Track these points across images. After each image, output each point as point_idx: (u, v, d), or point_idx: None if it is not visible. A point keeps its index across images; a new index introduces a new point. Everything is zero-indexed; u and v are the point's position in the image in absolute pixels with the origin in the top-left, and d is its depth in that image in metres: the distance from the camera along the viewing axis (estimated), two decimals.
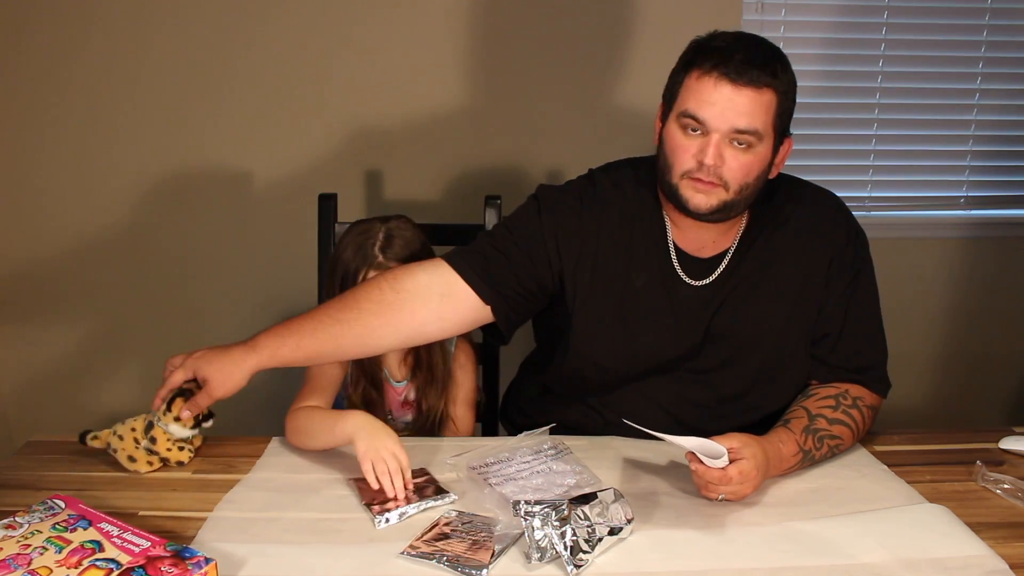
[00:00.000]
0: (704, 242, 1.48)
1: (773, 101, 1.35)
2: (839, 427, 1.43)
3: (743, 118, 1.33)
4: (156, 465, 1.39)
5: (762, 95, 1.34)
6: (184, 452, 1.41)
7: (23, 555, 1.05)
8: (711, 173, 1.35)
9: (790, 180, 1.58)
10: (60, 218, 2.33)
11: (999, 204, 2.53)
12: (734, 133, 1.33)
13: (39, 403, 2.42)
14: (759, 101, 1.34)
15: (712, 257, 1.49)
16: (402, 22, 2.25)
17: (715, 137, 1.34)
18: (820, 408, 1.43)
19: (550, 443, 1.42)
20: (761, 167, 1.38)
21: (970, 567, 1.13)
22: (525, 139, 2.33)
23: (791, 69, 1.40)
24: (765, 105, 1.35)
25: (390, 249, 1.54)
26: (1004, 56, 2.42)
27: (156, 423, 1.38)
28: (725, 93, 1.33)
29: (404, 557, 1.14)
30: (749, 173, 1.37)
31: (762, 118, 1.34)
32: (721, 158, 1.34)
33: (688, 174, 1.37)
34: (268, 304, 2.39)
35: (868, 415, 1.48)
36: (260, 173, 2.33)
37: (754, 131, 1.34)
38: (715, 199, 1.37)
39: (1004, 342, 2.58)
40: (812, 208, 1.53)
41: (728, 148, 1.35)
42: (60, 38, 2.21)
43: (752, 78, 1.33)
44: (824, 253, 1.49)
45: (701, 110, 1.34)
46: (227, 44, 2.24)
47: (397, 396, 1.64)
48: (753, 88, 1.33)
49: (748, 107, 1.33)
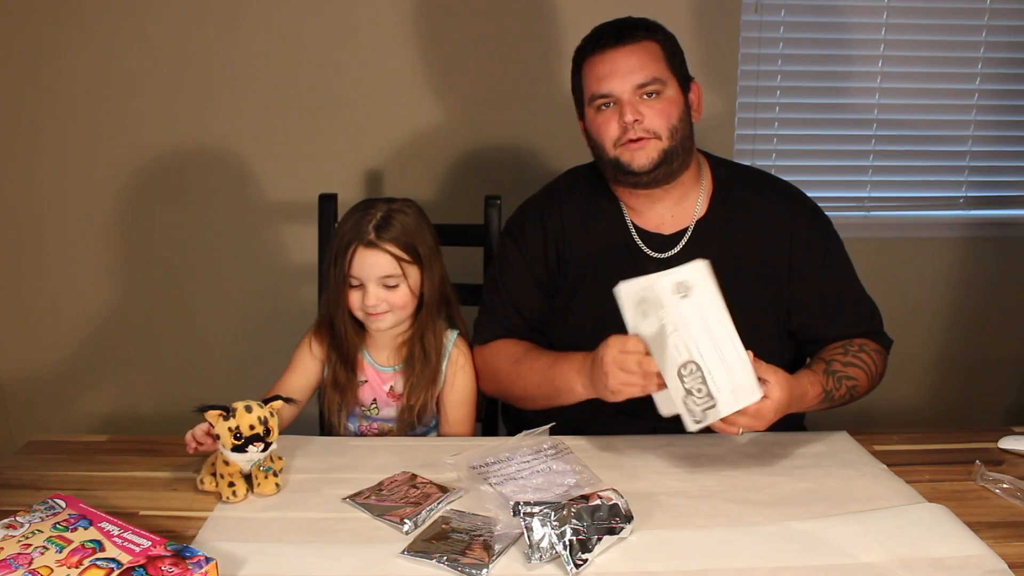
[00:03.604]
0: (663, 218, 1.57)
1: (658, 49, 1.49)
2: (853, 369, 1.50)
3: (638, 73, 1.46)
4: (242, 493, 1.29)
5: (646, 47, 1.48)
6: (269, 481, 1.31)
7: (24, 554, 1.05)
8: (638, 129, 1.46)
9: (746, 168, 1.67)
10: (60, 217, 2.33)
11: (998, 204, 2.53)
12: (637, 89, 1.46)
13: (40, 403, 2.42)
14: (646, 53, 1.47)
15: (673, 234, 1.57)
16: (403, 22, 2.25)
17: (625, 98, 1.46)
18: (832, 355, 1.52)
19: (550, 442, 1.42)
20: (679, 110, 1.50)
21: (969, 567, 1.13)
22: (525, 139, 2.34)
23: (663, 27, 1.54)
24: (652, 54, 1.48)
25: (385, 230, 1.50)
26: (1004, 56, 2.42)
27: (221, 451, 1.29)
28: (612, 59, 1.47)
29: (404, 557, 1.14)
30: (670, 116, 1.48)
31: (655, 66, 1.47)
32: (639, 112, 1.46)
33: (618, 141, 1.48)
34: (268, 304, 2.39)
35: (878, 359, 1.56)
36: (260, 173, 2.33)
37: (654, 79, 1.46)
38: (654, 151, 1.48)
39: (1003, 342, 2.58)
40: (771, 196, 1.60)
41: (641, 104, 1.47)
42: (59, 35, 2.21)
43: (630, 36, 1.47)
44: (783, 239, 1.56)
45: (602, 85, 1.47)
46: (227, 43, 2.24)
47: (382, 383, 1.61)
48: (634, 43, 1.47)
49: (638, 62, 1.46)
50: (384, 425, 1.62)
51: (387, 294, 1.51)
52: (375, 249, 1.49)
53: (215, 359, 2.42)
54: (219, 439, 1.27)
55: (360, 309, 1.53)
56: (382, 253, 1.50)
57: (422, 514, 1.23)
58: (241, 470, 1.29)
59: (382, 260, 1.50)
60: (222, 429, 1.26)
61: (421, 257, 1.53)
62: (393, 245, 1.50)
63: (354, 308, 1.53)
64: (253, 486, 1.30)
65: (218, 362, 2.42)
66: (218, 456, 1.29)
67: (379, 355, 1.61)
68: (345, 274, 1.51)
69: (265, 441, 1.27)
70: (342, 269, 1.51)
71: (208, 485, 1.30)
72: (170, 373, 2.42)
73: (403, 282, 1.52)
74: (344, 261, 1.50)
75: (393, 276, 1.50)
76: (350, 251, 1.49)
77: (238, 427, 1.26)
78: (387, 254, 1.50)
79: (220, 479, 1.29)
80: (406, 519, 1.21)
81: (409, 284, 1.53)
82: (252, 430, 1.26)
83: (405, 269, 1.51)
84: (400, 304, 1.53)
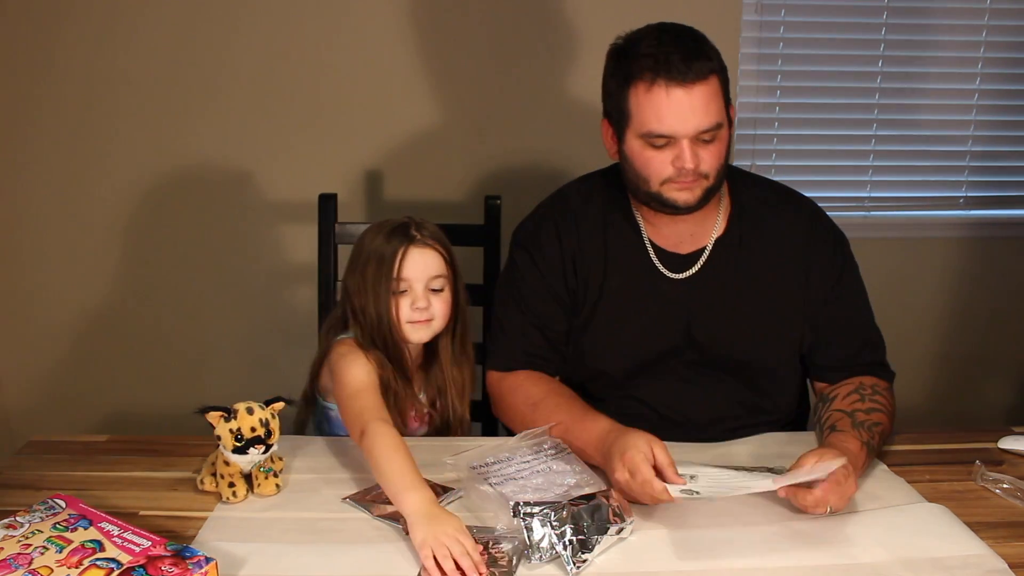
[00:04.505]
0: (681, 237, 1.51)
1: (718, 84, 1.38)
2: (876, 415, 1.43)
3: (703, 118, 1.35)
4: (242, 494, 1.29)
5: (710, 85, 1.36)
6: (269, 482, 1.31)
7: (24, 555, 1.05)
8: (691, 173, 1.38)
9: (764, 181, 1.61)
10: (60, 218, 2.32)
11: (998, 204, 2.53)
12: (699, 133, 1.36)
13: (40, 403, 2.42)
14: (710, 92, 1.36)
15: (690, 253, 1.51)
16: (403, 22, 2.25)
17: (685, 143, 1.36)
18: (851, 405, 1.44)
19: (550, 442, 1.42)
20: (727, 144, 1.42)
21: (969, 566, 1.13)
22: (525, 139, 2.33)
23: (709, 39, 1.41)
24: (715, 92, 1.37)
25: (425, 229, 1.48)
26: (1004, 56, 2.42)
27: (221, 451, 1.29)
28: (679, 98, 1.34)
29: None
30: (720, 157, 1.41)
31: (715, 107, 1.37)
32: (697, 158, 1.37)
33: (668, 180, 1.40)
34: (268, 304, 2.39)
35: (890, 397, 1.50)
36: (260, 173, 2.32)
37: (716, 124, 1.37)
38: (700, 190, 1.41)
39: (1003, 342, 2.58)
40: (788, 213, 1.55)
41: (699, 147, 1.37)
42: (57, 37, 2.20)
43: (697, 73, 1.34)
44: (801, 258, 1.51)
45: (663, 125, 1.35)
46: (227, 44, 2.23)
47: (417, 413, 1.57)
48: (702, 82, 1.35)
49: (704, 104, 1.35)
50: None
51: (434, 299, 1.47)
52: (424, 247, 1.46)
53: (215, 359, 2.42)
54: (220, 440, 1.27)
55: (407, 319, 1.47)
56: (431, 251, 1.47)
57: None
58: (241, 470, 1.29)
59: (432, 258, 1.47)
60: (223, 431, 1.26)
61: (455, 266, 1.52)
62: (438, 244, 1.48)
63: (401, 316, 1.46)
64: (253, 486, 1.30)
65: (218, 362, 2.42)
66: (218, 456, 1.29)
67: None
68: (395, 278, 1.45)
69: (266, 443, 1.27)
70: (389, 274, 1.45)
71: (208, 485, 1.30)
72: (170, 373, 2.42)
73: (448, 287, 1.49)
74: (394, 265, 1.44)
75: (441, 277, 1.48)
76: (399, 253, 1.45)
77: (239, 429, 1.25)
78: (436, 251, 1.47)
79: (220, 479, 1.29)
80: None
81: (451, 290, 1.50)
82: (253, 432, 1.26)
83: (449, 272, 1.49)
84: (442, 312, 1.49)
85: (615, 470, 1.24)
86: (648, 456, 1.22)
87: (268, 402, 1.30)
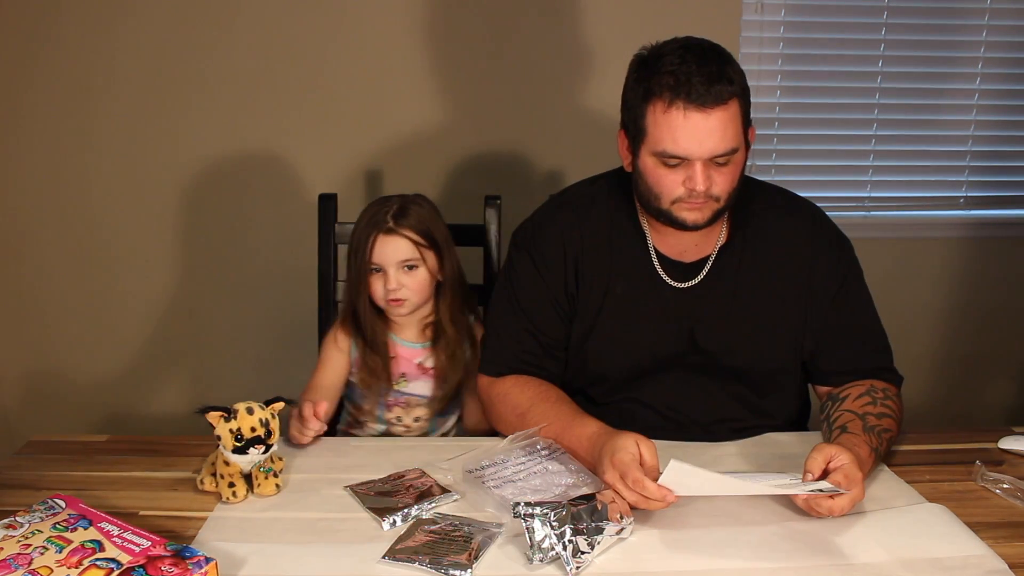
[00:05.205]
0: (685, 246, 1.50)
1: (738, 109, 1.35)
2: (886, 420, 1.41)
3: (721, 142, 1.33)
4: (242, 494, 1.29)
5: (729, 110, 1.34)
6: (269, 482, 1.31)
7: (24, 555, 1.05)
8: (702, 195, 1.36)
9: (767, 187, 1.60)
10: (59, 218, 2.32)
11: (999, 204, 2.53)
12: (713, 157, 1.34)
13: (40, 403, 2.42)
14: (729, 116, 1.34)
15: (694, 262, 1.51)
16: (403, 22, 2.25)
17: (698, 165, 1.35)
18: (862, 408, 1.42)
19: (543, 443, 1.42)
20: (741, 169, 1.41)
21: (969, 567, 1.13)
22: (525, 139, 2.34)
23: (735, 59, 1.39)
24: (734, 116, 1.35)
25: (403, 218, 1.58)
26: (1004, 56, 2.42)
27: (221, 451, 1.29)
28: (696, 122, 1.32)
29: (385, 562, 1.13)
30: (734, 180, 1.39)
31: (733, 132, 1.35)
32: (709, 180, 1.36)
33: (679, 200, 1.39)
34: (268, 304, 2.39)
35: (899, 403, 1.48)
36: (260, 173, 2.32)
37: (732, 149, 1.35)
38: (709, 211, 1.40)
39: (1004, 342, 2.58)
40: (791, 219, 1.54)
41: (712, 170, 1.36)
42: (57, 38, 2.21)
43: (716, 97, 1.32)
44: (804, 264, 1.51)
45: (679, 147, 1.34)
46: (227, 44, 2.23)
47: (411, 357, 1.64)
48: (721, 107, 1.32)
49: (721, 129, 1.33)
50: (412, 399, 1.64)
51: (406, 278, 1.57)
52: (394, 235, 1.57)
53: (215, 359, 2.42)
54: (220, 440, 1.27)
55: (382, 297, 1.59)
56: (400, 238, 1.57)
57: (412, 511, 1.24)
58: (241, 470, 1.29)
59: (401, 244, 1.57)
60: (223, 431, 1.26)
61: (438, 242, 1.60)
62: (410, 231, 1.57)
63: (376, 295, 1.60)
64: (253, 486, 1.30)
65: (218, 362, 2.42)
66: (218, 456, 1.29)
67: (405, 334, 1.66)
68: (367, 262, 1.58)
69: (266, 443, 1.27)
70: (363, 258, 1.58)
71: (208, 485, 1.30)
72: (170, 373, 2.42)
73: (421, 265, 1.58)
74: (365, 250, 1.57)
75: (411, 259, 1.57)
76: (371, 240, 1.57)
77: (239, 429, 1.26)
78: (405, 239, 1.57)
79: (220, 479, 1.29)
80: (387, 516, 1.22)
81: (427, 267, 1.59)
82: (253, 432, 1.26)
83: (423, 253, 1.58)
84: (418, 288, 1.59)
85: (605, 472, 1.24)
86: (636, 457, 1.23)
87: (268, 402, 1.30)
